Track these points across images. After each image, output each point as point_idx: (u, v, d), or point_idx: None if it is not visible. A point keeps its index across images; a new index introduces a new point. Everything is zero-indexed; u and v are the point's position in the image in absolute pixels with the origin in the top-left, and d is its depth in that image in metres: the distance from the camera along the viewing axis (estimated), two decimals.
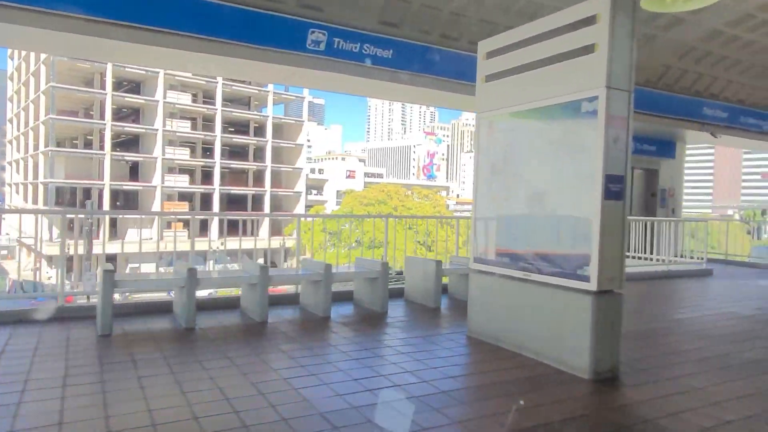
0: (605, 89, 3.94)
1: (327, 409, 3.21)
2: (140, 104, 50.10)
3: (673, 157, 13.75)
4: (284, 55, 7.36)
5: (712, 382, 4.03)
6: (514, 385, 3.82)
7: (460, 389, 3.78)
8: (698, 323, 6.21)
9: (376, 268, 6.15)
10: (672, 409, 3.43)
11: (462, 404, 3.50)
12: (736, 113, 12.60)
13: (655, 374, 4.20)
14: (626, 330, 5.13)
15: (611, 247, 4.01)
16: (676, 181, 14.17)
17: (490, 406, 3.47)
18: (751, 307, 7.15)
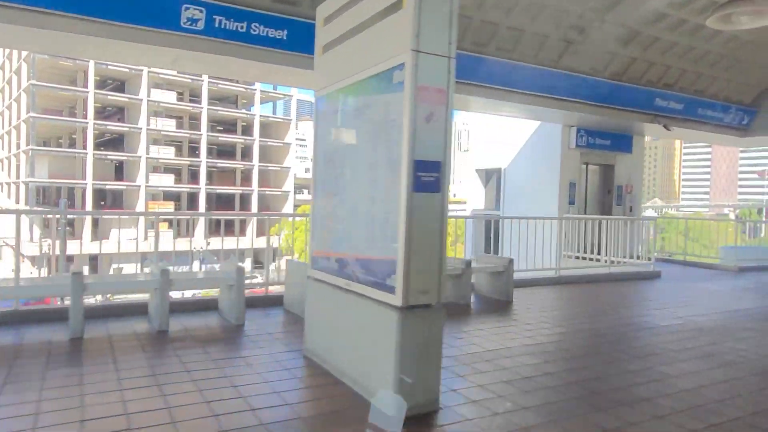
0: (412, 53, 3.19)
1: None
2: (124, 103, 49.50)
3: (629, 152, 12.96)
4: (158, 35, 6.63)
5: (544, 420, 3.30)
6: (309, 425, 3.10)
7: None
8: (579, 338, 5.46)
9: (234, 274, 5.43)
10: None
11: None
12: (694, 105, 11.81)
13: (487, 406, 3.46)
14: (484, 349, 4.38)
15: (424, 252, 3.27)
16: (634, 178, 13.38)
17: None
18: (673, 316, 6.39)
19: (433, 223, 3.30)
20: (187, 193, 52.43)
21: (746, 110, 12.65)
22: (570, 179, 12.14)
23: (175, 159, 51.63)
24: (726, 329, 5.79)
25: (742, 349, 4.94)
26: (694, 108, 11.82)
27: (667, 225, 14.33)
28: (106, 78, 50.02)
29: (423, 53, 3.21)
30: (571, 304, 7.18)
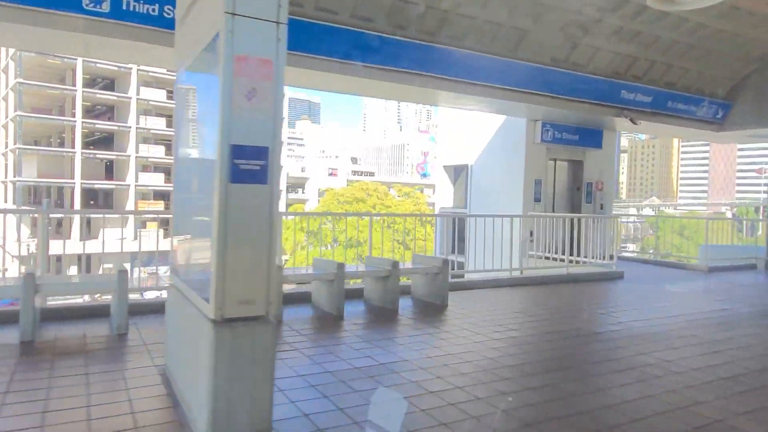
0: (226, 17, 2.68)
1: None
2: (114, 101, 49.08)
3: (599, 147, 12.42)
4: (60, 18, 6.12)
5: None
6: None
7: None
8: (492, 349, 4.95)
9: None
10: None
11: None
12: (663, 98, 11.29)
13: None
14: (377, 363, 3.86)
15: (244, 255, 2.77)
16: (605, 174, 12.84)
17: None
18: (612, 322, 5.88)
19: (259, 221, 2.80)
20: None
21: (721, 104, 12.12)
22: (535, 176, 11.62)
23: (166, 158, 51.17)
24: (662, 337, 5.27)
25: (669, 361, 4.43)
26: (663, 101, 11.28)
27: (662, 224, 13.79)
28: (95, 76, 49.60)
29: (241, 16, 2.71)
30: (513, 307, 6.66)
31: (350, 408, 3.30)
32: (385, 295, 6.29)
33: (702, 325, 5.85)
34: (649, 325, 5.78)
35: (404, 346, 4.75)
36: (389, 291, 6.26)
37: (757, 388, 3.86)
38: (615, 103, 10.72)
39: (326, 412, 3.24)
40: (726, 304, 7.19)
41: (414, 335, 5.18)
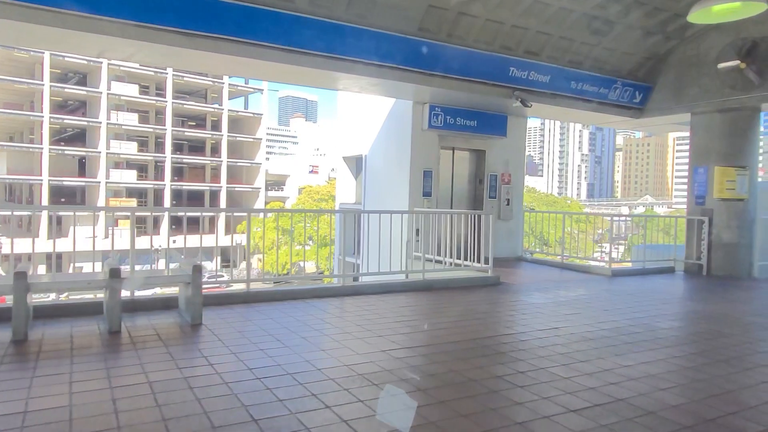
0: None
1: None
2: (86, 96, 48.03)
3: (503, 135, 11.04)
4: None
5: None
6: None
7: None
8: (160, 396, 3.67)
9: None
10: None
11: None
12: (565, 77, 9.91)
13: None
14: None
15: None
16: (513, 165, 11.47)
17: None
18: (353, 353, 4.55)
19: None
20: (152, 189, 50.86)
21: (638, 86, 10.73)
22: (425, 167, 10.27)
23: (138, 155, 50.11)
24: (393, 375, 3.94)
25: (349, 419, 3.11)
26: (565, 81, 9.91)
27: (648, 222, 12.42)
28: (67, 71, 48.56)
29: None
30: (294, 327, 5.33)
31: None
32: (188, 306, 5.07)
33: (451, 358, 4.52)
34: (391, 359, 4.45)
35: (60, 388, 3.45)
36: (191, 302, 5.01)
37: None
38: (504, 82, 9.36)
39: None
40: (577, 321, 5.85)
41: (95, 370, 3.88)
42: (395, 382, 3.60)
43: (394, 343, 4.58)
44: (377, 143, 11.41)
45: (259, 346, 4.39)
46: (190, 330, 4.86)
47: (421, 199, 10.21)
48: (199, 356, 4.14)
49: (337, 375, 3.70)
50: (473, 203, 11.24)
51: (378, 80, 8.63)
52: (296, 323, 5.22)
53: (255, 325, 5.10)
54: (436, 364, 4.11)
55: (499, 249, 11.02)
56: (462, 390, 3.52)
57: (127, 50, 7.74)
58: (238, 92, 57.46)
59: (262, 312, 5.64)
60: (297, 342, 4.55)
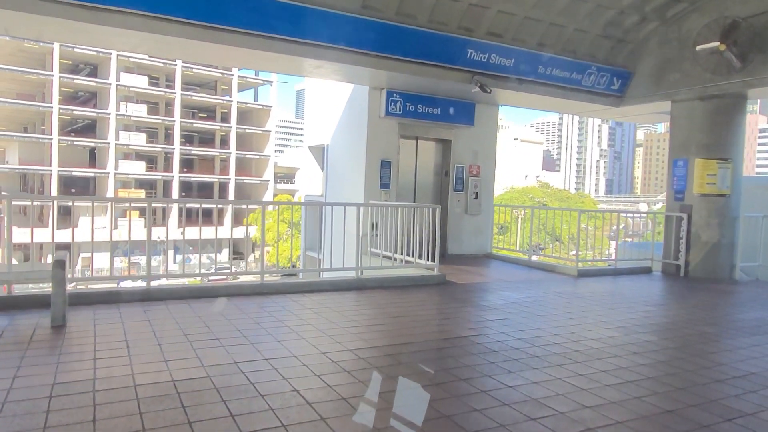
0: None
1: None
2: (95, 87, 48.27)
3: (471, 124, 10.32)
4: None
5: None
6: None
7: None
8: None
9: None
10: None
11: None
12: (531, 61, 9.16)
13: None
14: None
15: None
16: (483, 156, 10.74)
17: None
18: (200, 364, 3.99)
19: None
20: (161, 181, 51.00)
21: (616, 71, 9.92)
22: (382, 157, 9.64)
23: (148, 146, 50.25)
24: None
25: None
26: (532, 66, 9.16)
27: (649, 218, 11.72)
28: (78, 62, 48.84)
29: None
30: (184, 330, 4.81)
31: None
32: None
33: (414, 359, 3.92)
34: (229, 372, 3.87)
35: None
36: (53, 301, 4.53)
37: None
38: (461, 65, 8.66)
39: None
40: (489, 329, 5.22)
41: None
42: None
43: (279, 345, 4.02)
44: (337, 132, 10.81)
45: (116, 351, 3.86)
46: (47, 332, 4.35)
47: (378, 191, 9.60)
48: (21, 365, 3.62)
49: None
50: (438, 196, 10.57)
51: (319, 62, 8.03)
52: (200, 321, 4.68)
53: (123, 326, 4.57)
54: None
55: (465, 245, 10.43)
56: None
57: (131, 41, 7.46)
58: (247, 84, 57.27)
59: (151, 310, 5.12)
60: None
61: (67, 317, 4.69)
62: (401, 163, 9.98)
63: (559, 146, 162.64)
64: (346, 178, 10.39)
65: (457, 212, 10.54)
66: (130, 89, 48.69)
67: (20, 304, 5.11)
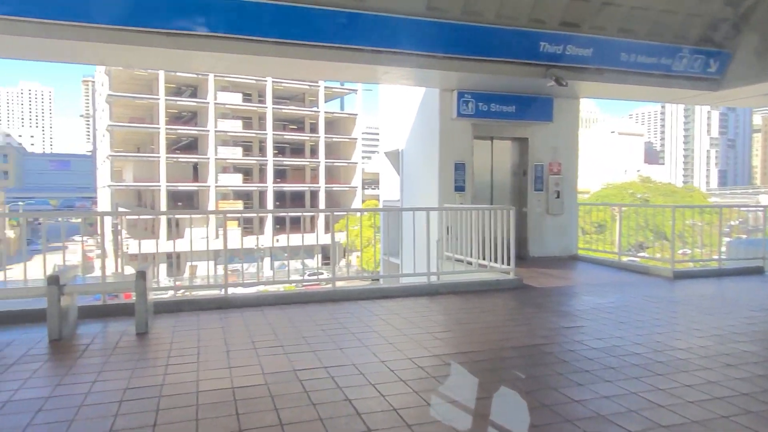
0: None
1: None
2: (196, 107, 52.01)
3: (549, 120, 9.83)
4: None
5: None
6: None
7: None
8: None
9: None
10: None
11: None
12: (613, 48, 8.56)
13: None
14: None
15: None
16: (564, 153, 10.19)
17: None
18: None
19: None
20: (257, 191, 53.83)
21: (712, 53, 9.01)
22: (456, 159, 9.45)
23: (244, 159, 53.30)
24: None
25: None
26: (614, 54, 8.56)
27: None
28: (180, 85, 52.92)
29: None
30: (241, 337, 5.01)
31: None
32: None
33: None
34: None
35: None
36: (137, 310, 4.92)
37: None
38: (533, 59, 8.28)
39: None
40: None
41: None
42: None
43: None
44: (411, 136, 10.77)
45: (187, 358, 4.08)
46: (132, 339, 4.68)
47: (452, 194, 9.43)
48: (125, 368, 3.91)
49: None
50: (517, 197, 10.18)
51: (387, 68, 8.04)
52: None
53: (203, 333, 4.81)
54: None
55: (548, 247, 9.99)
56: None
57: (226, 63, 8.16)
58: (333, 94, 58.97)
59: (228, 318, 5.37)
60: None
61: (152, 324, 5.03)
62: (476, 164, 9.74)
63: (662, 137, 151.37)
64: (420, 182, 10.31)
65: (537, 212, 10.10)
66: (226, 106, 51.91)
67: (112, 312, 5.55)
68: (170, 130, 50.04)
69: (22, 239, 8.74)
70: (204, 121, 50.95)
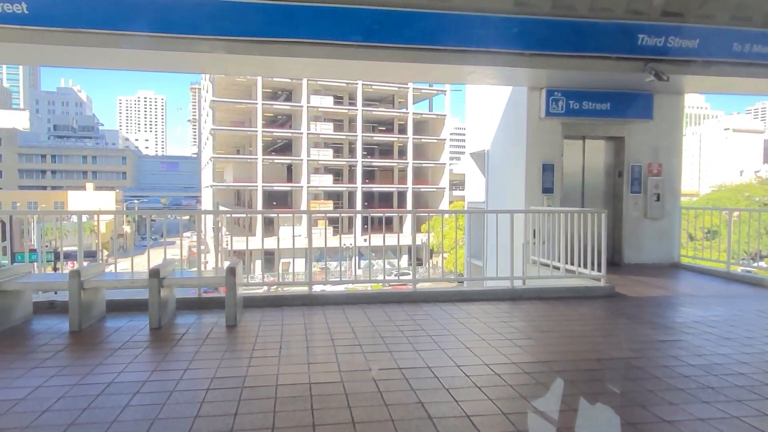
0: None
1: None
2: (290, 110, 54.32)
3: (648, 117, 9.15)
4: None
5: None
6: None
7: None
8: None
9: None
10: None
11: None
12: (723, 39, 7.82)
13: None
14: None
15: None
16: (665, 153, 9.44)
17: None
18: None
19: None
20: (346, 192, 55.23)
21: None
22: (544, 159, 9.09)
23: (334, 160, 54.89)
24: None
25: None
26: (725, 44, 7.82)
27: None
28: (276, 89, 55.53)
29: None
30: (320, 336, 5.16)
31: None
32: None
33: None
34: None
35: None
36: (227, 303, 5.27)
37: None
38: (630, 53, 7.76)
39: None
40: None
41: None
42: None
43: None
44: (497, 137, 10.51)
45: (270, 352, 4.29)
46: (222, 331, 4.97)
47: (540, 196, 9.10)
48: (216, 358, 4.18)
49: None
50: (611, 199, 9.62)
51: (472, 68, 7.92)
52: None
53: (286, 327, 5.01)
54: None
55: (646, 253, 9.38)
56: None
57: (318, 68, 8.59)
58: (422, 95, 59.08)
59: (314, 314, 5.56)
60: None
61: (240, 318, 5.31)
62: (566, 165, 9.32)
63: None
64: (506, 183, 10.05)
65: (634, 216, 9.48)
66: (319, 109, 53.69)
67: (208, 305, 5.92)
68: (266, 132, 52.59)
69: (134, 235, 9.56)
70: (298, 124, 53.03)
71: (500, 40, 7.63)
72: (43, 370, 3.83)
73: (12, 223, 9.25)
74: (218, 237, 10.01)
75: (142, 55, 7.19)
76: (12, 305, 5.08)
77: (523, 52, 7.77)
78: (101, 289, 5.40)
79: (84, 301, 4.97)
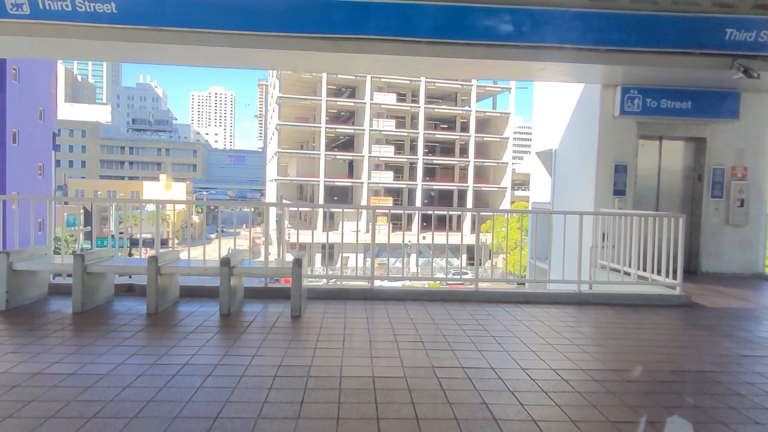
0: None
1: None
2: (353, 107, 55.00)
3: (734, 117, 8.55)
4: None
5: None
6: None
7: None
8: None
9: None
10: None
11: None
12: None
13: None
14: None
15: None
16: (752, 155, 8.81)
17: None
18: None
19: None
20: (406, 189, 55.31)
21: None
22: (616, 160, 8.71)
23: (395, 157, 55.06)
24: None
25: None
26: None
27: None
28: (340, 86, 56.36)
29: None
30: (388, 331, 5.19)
31: None
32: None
33: None
34: None
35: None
36: (293, 295, 5.37)
37: None
38: (717, 49, 7.28)
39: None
40: None
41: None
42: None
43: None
44: (566, 136, 10.18)
45: (334, 343, 4.37)
46: (287, 321, 5.10)
47: (611, 198, 8.74)
48: (282, 347, 4.32)
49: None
50: (689, 204, 9.09)
51: (543, 64, 7.70)
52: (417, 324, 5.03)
53: (347, 322, 5.08)
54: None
55: (726, 262, 8.85)
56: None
57: (384, 64, 8.71)
58: (486, 93, 58.19)
59: (376, 309, 5.61)
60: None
61: (305, 309, 5.43)
62: (640, 166, 8.91)
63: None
64: (574, 184, 9.72)
65: (714, 222, 8.93)
66: (381, 106, 53.98)
67: (273, 295, 6.10)
68: (330, 128, 53.45)
69: (204, 224, 9.99)
70: (360, 121, 53.56)
71: (574, 35, 7.38)
72: (124, 348, 4.07)
73: (93, 211, 9.85)
74: (281, 229, 10.23)
75: (215, 51, 7.46)
76: (97, 286, 5.43)
77: (598, 48, 7.48)
78: (176, 274, 5.66)
79: (160, 285, 5.24)
